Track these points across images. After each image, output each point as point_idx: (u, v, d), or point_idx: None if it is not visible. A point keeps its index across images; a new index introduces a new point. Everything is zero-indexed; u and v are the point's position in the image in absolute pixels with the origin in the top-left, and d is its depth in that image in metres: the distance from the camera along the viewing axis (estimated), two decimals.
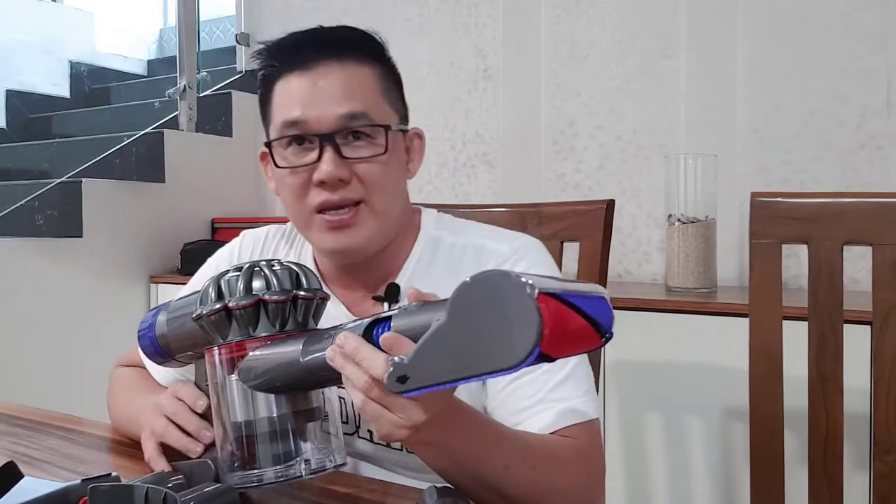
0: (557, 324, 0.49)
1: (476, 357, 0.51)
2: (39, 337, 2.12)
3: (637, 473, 1.60)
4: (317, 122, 0.85)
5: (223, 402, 0.67)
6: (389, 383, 0.56)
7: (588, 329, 0.52)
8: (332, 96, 0.85)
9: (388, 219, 0.90)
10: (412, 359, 0.55)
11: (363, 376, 0.59)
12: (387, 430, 0.61)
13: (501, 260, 0.90)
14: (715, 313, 1.52)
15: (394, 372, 0.55)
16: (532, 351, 0.48)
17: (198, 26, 2.68)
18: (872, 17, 1.75)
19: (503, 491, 0.70)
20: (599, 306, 0.54)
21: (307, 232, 0.90)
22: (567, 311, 0.51)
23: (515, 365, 0.49)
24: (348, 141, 0.86)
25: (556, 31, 2.17)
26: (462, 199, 2.32)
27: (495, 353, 0.50)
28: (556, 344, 0.49)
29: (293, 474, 0.65)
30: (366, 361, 0.58)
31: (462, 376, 0.53)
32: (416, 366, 0.55)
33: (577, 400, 0.82)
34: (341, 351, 0.60)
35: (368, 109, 0.86)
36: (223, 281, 0.68)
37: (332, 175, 0.84)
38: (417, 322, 0.57)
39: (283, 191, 0.90)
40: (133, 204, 2.36)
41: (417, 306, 0.58)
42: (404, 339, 0.57)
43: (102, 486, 0.61)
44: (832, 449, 1.03)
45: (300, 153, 0.87)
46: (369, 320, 0.61)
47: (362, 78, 0.87)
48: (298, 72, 0.86)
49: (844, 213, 1.02)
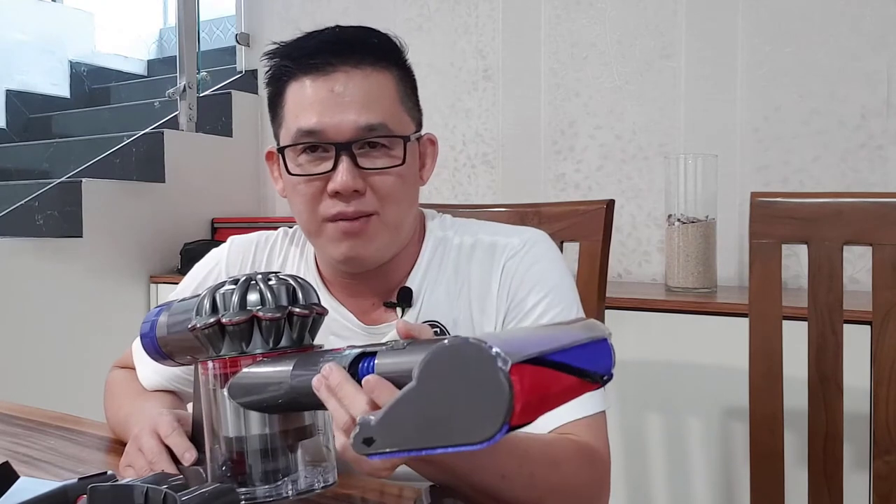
0: (534, 393, 0.47)
1: (443, 428, 0.49)
2: (39, 337, 2.12)
3: (637, 473, 1.60)
4: (334, 132, 0.83)
5: (215, 415, 0.67)
6: (355, 444, 0.53)
7: (576, 383, 0.51)
8: (350, 105, 0.83)
9: (400, 230, 0.89)
10: (379, 421, 0.52)
11: (344, 415, 0.57)
12: (368, 471, 0.61)
13: (513, 252, 0.90)
14: (715, 313, 1.52)
15: (360, 433, 0.53)
16: (501, 428, 0.46)
17: (198, 26, 2.67)
18: (872, 17, 1.75)
19: (501, 497, 0.70)
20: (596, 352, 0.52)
21: (317, 240, 0.89)
22: (549, 373, 0.49)
23: (483, 441, 0.47)
24: (365, 151, 0.84)
25: (556, 31, 2.17)
26: (462, 199, 2.32)
27: (463, 426, 0.48)
28: (531, 412, 0.47)
29: (281, 494, 0.64)
30: (346, 400, 0.57)
31: (427, 446, 0.50)
32: (383, 429, 0.52)
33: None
34: (325, 382, 0.59)
35: (387, 120, 0.84)
36: (218, 294, 0.67)
37: (347, 186, 0.82)
38: (401, 364, 0.55)
39: (295, 198, 0.87)
40: (133, 204, 2.36)
41: (404, 345, 0.57)
42: (385, 383, 0.55)
43: (102, 485, 0.60)
44: (832, 449, 1.03)
45: (314, 161, 0.85)
46: (357, 352, 0.60)
47: (381, 85, 0.85)
48: (315, 76, 0.84)
49: (844, 213, 1.02)
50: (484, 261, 0.90)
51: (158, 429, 0.77)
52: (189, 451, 0.74)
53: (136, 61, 4.13)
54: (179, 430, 0.76)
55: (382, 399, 0.54)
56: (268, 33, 2.76)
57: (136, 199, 2.37)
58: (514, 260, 0.90)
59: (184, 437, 0.75)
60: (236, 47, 2.85)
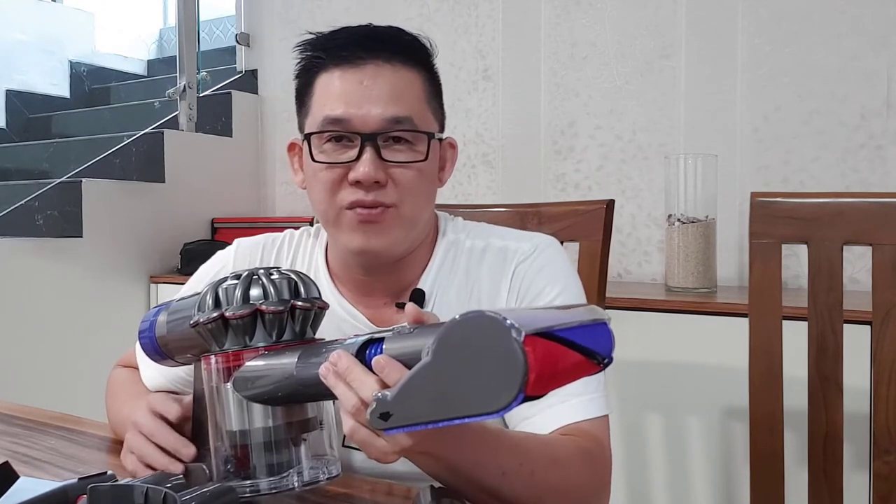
0: (546, 365, 0.48)
1: (460, 399, 0.50)
2: (39, 337, 2.12)
3: (637, 473, 1.60)
4: (360, 122, 0.84)
5: (218, 410, 0.67)
6: (372, 419, 0.55)
7: (582, 361, 0.52)
8: (378, 97, 0.84)
9: (416, 226, 0.89)
10: (395, 396, 0.54)
11: (353, 398, 0.58)
12: (376, 456, 0.61)
13: (524, 257, 0.91)
14: (715, 313, 1.52)
15: (376, 408, 0.54)
16: (516, 396, 0.48)
17: (198, 26, 2.67)
18: (872, 17, 1.75)
19: (500, 495, 0.70)
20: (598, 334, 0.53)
21: (335, 229, 0.89)
22: (558, 348, 0.50)
23: (499, 409, 0.48)
24: (389, 144, 0.85)
25: (556, 31, 2.17)
26: (462, 199, 2.32)
27: (479, 396, 0.49)
28: (543, 384, 0.49)
29: (286, 486, 0.65)
30: (356, 383, 0.58)
31: (444, 418, 0.51)
32: (399, 404, 0.53)
33: (587, 397, 0.82)
34: (334, 369, 0.59)
35: (413, 115, 0.86)
36: (221, 289, 0.68)
37: (369, 176, 0.83)
38: (410, 347, 0.56)
39: (315, 185, 0.88)
40: (133, 204, 2.36)
41: (412, 329, 0.58)
42: (395, 363, 0.56)
43: (102, 486, 0.61)
44: (832, 449, 1.03)
45: (339, 149, 0.86)
46: (364, 339, 0.61)
47: (410, 82, 0.87)
48: (345, 67, 0.85)
49: (844, 213, 1.02)
50: (495, 265, 0.92)
51: (154, 406, 0.78)
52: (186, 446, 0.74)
53: (136, 61, 4.13)
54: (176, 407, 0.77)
55: (392, 379, 0.55)
56: (268, 33, 2.76)
57: (136, 199, 2.37)
58: (525, 265, 0.91)
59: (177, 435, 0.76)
60: (236, 47, 2.85)
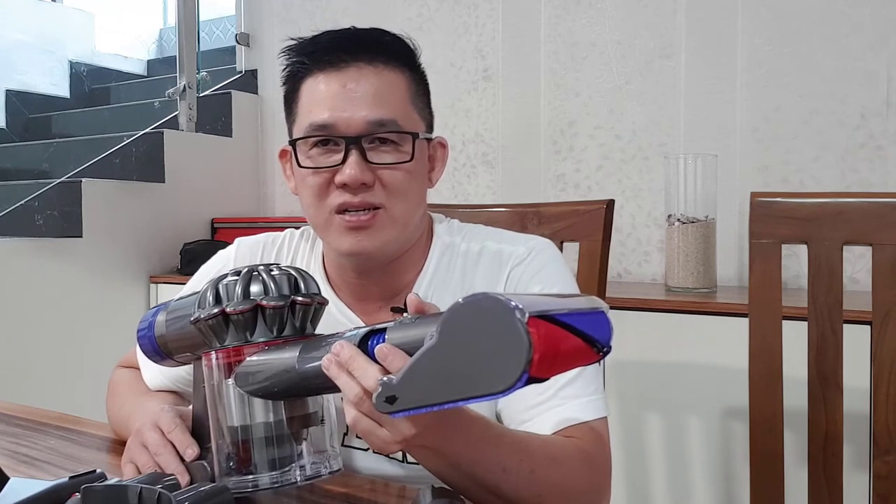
0: (549, 347, 0.49)
1: (465, 380, 0.51)
2: (39, 337, 2.12)
3: (637, 473, 1.60)
4: (345, 125, 0.84)
5: (219, 406, 0.67)
6: (378, 403, 0.55)
7: (583, 347, 0.52)
8: (361, 100, 0.84)
9: (407, 226, 0.89)
10: (401, 379, 0.54)
11: (356, 388, 0.58)
12: (378, 446, 0.62)
13: (519, 260, 0.91)
14: (714, 313, 1.52)
15: (382, 392, 0.55)
16: (521, 376, 0.48)
17: (198, 26, 2.67)
18: (872, 17, 1.75)
19: (500, 493, 0.70)
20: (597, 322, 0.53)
21: (325, 233, 0.89)
22: (560, 331, 0.50)
23: (504, 390, 0.49)
24: (374, 145, 0.85)
25: (556, 31, 2.17)
26: (462, 199, 2.32)
27: (485, 377, 0.50)
28: (546, 366, 0.49)
29: (288, 480, 0.65)
30: (358, 372, 0.58)
31: (450, 399, 0.52)
32: (405, 387, 0.54)
33: (585, 398, 0.82)
34: (336, 360, 0.60)
35: (397, 116, 0.86)
36: (221, 285, 0.68)
37: (355, 179, 0.83)
38: (412, 335, 0.56)
39: (304, 190, 0.89)
40: (133, 204, 2.36)
41: (414, 318, 0.58)
42: (398, 351, 0.57)
43: (96, 486, 0.60)
44: (832, 449, 1.03)
45: (325, 154, 0.86)
46: (365, 330, 0.61)
47: (393, 83, 0.87)
48: (328, 71, 0.86)
49: (844, 213, 1.02)
50: (490, 268, 0.92)
51: (160, 424, 0.77)
52: (192, 447, 0.74)
53: (135, 61, 4.13)
54: (182, 426, 0.76)
55: (395, 367, 0.56)
56: (268, 33, 2.76)
57: (136, 199, 2.37)
58: (520, 268, 0.91)
59: (186, 433, 0.76)
60: (236, 47, 2.86)
